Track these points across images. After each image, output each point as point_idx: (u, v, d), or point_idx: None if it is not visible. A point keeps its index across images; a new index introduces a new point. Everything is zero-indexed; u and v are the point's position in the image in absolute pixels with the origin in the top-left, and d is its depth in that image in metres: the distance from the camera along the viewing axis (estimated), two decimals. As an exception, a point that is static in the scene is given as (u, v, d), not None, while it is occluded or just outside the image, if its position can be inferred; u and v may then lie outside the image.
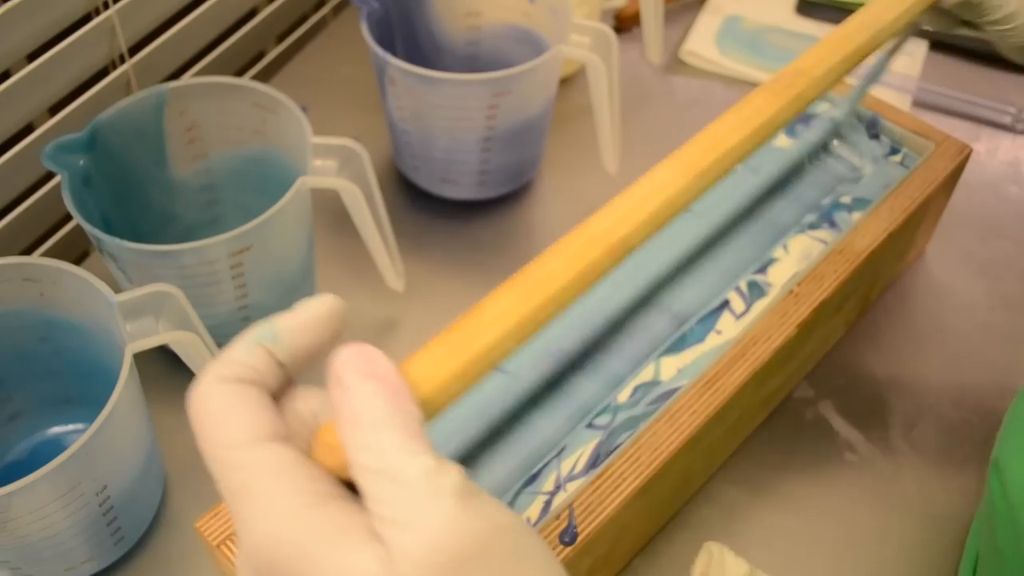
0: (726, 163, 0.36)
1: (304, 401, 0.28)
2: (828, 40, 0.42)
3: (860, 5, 0.81)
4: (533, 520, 0.43)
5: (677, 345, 0.49)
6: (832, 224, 0.55)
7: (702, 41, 0.79)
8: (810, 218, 0.56)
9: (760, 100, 0.39)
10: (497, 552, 0.25)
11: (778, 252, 0.54)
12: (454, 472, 0.25)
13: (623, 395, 0.47)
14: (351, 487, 0.26)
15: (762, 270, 0.53)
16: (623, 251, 0.33)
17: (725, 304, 0.51)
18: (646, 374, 0.48)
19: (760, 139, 0.38)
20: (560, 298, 0.31)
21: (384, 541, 0.24)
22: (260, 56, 0.74)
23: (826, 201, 0.56)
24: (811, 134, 0.59)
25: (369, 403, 0.25)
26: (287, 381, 0.28)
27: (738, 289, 0.52)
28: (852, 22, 0.44)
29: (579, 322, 0.49)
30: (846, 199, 0.57)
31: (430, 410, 0.27)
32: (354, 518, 0.25)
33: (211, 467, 0.26)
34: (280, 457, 0.26)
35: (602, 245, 0.32)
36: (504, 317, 0.29)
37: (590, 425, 0.46)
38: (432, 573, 0.24)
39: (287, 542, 0.25)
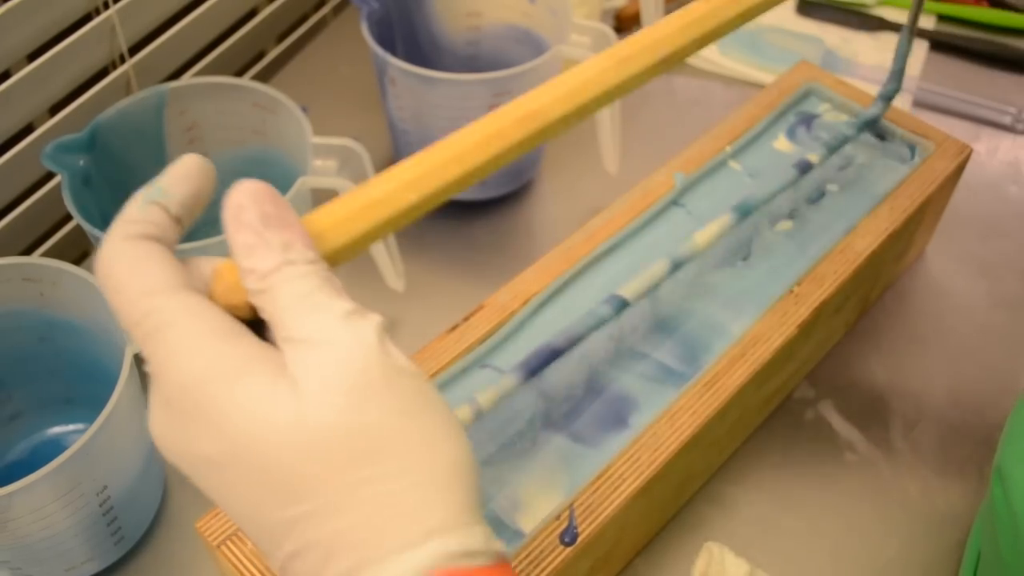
0: (658, 52, 0.36)
1: (207, 266, 0.29)
2: None
3: (861, 5, 0.81)
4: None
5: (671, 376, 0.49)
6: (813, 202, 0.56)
7: (702, 41, 0.79)
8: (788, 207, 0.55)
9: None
10: (402, 390, 0.26)
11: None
12: (376, 316, 0.26)
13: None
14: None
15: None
16: (532, 123, 0.33)
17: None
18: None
19: (701, 32, 0.38)
20: (463, 160, 0.32)
21: (293, 365, 0.26)
22: (260, 56, 0.74)
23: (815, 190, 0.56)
24: (816, 143, 0.58)
25: (293, 254, 0.27)
26: (180, 236, 0.30)
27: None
28: None
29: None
30: (833, 187, 0.57)
31: (330, 259, 0.28)
32: (265, 352, 0.26)
33: (124, 320, 0.27)
34: (193, 300, 0.27)
35: (511, 117, 0.33)
36: (402, 174, 0.30)
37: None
38: (336, 394, 0.25)
39: (200, 372, 0.26)
